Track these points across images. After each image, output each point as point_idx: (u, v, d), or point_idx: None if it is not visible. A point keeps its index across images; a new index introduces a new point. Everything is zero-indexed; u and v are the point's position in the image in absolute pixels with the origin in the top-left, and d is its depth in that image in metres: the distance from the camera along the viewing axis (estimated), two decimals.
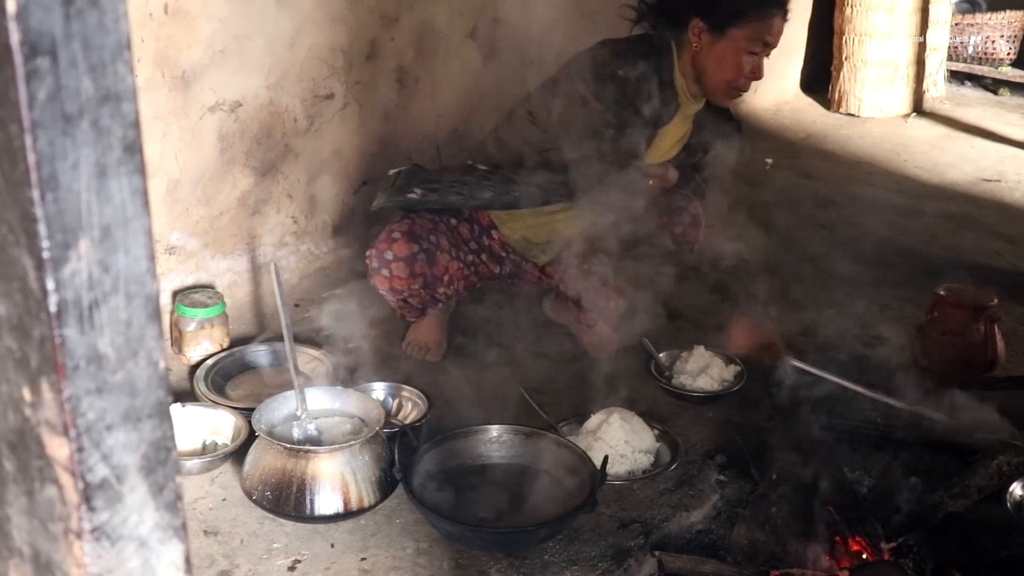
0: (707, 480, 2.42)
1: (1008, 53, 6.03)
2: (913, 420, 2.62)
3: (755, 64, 2.68)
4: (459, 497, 2.30)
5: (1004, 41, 6.00)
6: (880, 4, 5.26)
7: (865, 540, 2.20)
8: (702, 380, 2.82)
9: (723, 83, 2.70)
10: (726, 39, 2.61)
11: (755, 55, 2.65)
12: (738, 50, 2.63)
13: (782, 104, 5.52)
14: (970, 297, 2.92)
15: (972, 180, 4.64)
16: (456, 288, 2.83)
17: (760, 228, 3.93)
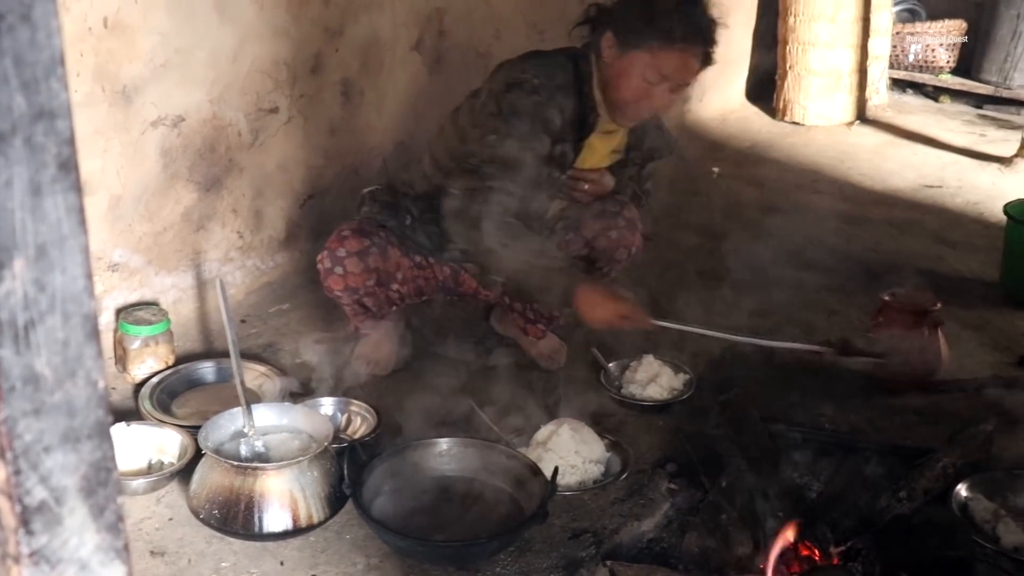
0: (658, 489, 2.43)
1: (948, 61, 6.13)
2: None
3: (655, 93, 2.57)
4: (409, 511, 2.29)
5: (944, 49, 6.10)
6: (823, 13, 5.33)
7: (814, 545, 2.22)
8: (652, 389, 2.83)
9: (620, 102, 2.61)
10: (628, 59, 2.53)
11: (654, 85, 2.54)
12: (636, 74, 2.53)
13: (728, 113, 5.57)
14: (914, 302, 2.96)
15: (915, 186, 4.71)
16: (409, 289, 2.80)
17: (707, 236, 3.98)
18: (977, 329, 3.37)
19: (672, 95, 2.60)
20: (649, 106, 2.61)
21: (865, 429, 2.79)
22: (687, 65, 2.54)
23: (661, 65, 2.51)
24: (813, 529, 2.24)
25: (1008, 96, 5.83)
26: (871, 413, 2.86)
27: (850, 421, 2.81)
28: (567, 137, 2.65)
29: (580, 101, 2.63)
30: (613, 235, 2.78)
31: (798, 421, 2.73)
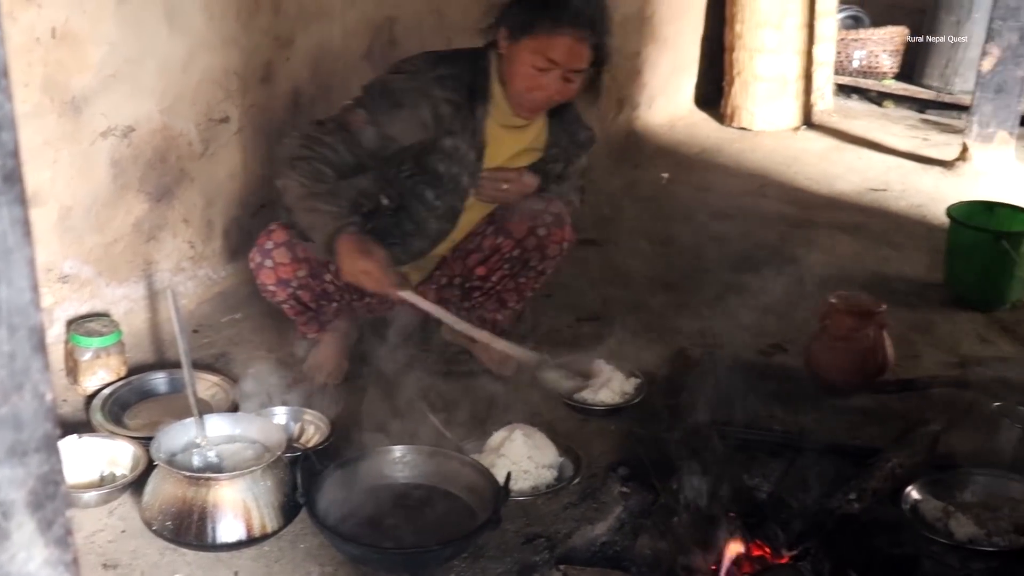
0: (610, 492, 2.45)
1: (891, 67, 6.23)
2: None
3: (546, 81, 2.59)
4: (364, 519, 2.29)
5: (887, 55, 6.19)
6: (768, 20, 5.40)
7: (766, 545, 2.25)
8: (603, 393, 2.86)
9: (515, 93, 2.65)
10: (518, 48, 2.57)
11: (544, 72, 2.57)
12: (526, 62, 2.57)
13: (677, 120, 5.62)
14: (860, 304, 3.01)
15: (860, 190, 4.78)
16: (346, 285, 2.80)
17: (657, 241, 4.01)
18: (922, 330, 3.43)
19: (566, 83, 2.61)
20: (543, 95, 2.63)
21: (814, 430, 2.82)
22: (573, 50, 2.56)
23: (547, 50, 2.55)
24: (764, 529, 2.28)
25: (950, 101, 5.94)
26: (820, 414, 2.91)
27: (799, 422, 2.85)
28: (455, 129, 2.67)
29: (470, 94, 2.65)
30: (541, 232, 2.79)
31: (748, 423, 2.77)
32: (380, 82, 2.69)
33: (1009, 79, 4.81)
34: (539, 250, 2.82)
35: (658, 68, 5.43)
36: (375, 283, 2.49)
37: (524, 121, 2.74)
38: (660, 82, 5.51)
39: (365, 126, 2.61)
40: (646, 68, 5.34)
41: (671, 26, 5.44)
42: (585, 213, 4.08)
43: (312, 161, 2.53)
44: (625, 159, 4.98)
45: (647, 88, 5.40)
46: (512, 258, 2.83)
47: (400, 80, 2.66)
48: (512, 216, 2.81)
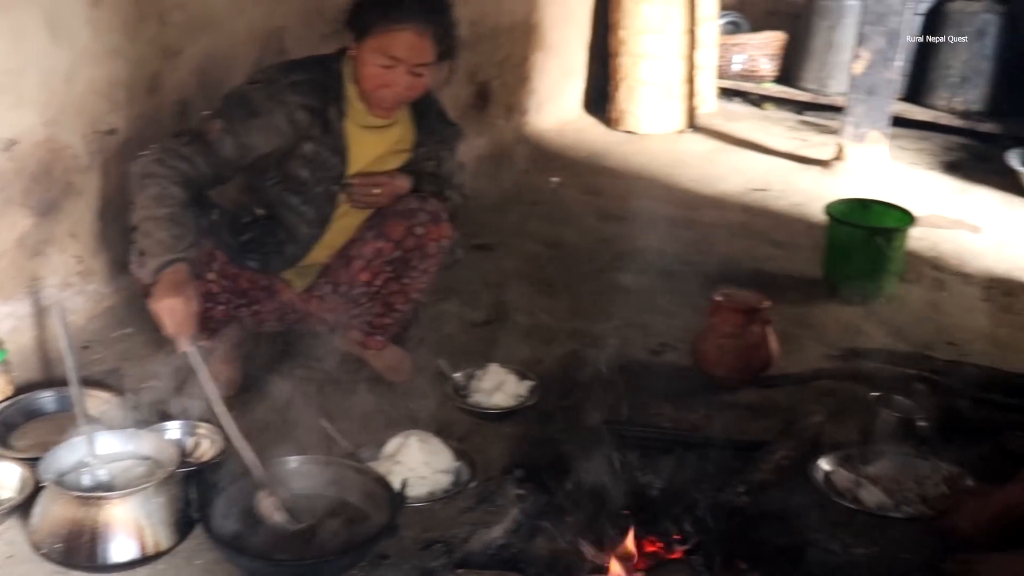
0: (506, 495, 2.48)
1: (770, 70, 6.38)
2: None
3: (393, 77, 2.63)
4: (260, 532, 2.28)
5: (766, 59, 6.35)
6: (651, 27, 5.50)
7: (659, 541, 2.30)
8: (497, 397, 2.89)
9: (366, 92, 2.69)
10: (364, 49, 2.62)
11: (390, 69, 2.61)
12: (371, 61, 2.61)
13: (565, 124, 5.69)
14: (745, 301, 3.10)
15: (743, 190, 4.90)
16: (229, 285, 2.78)
17: (547, 244, 4.07)
18: (804, 325, 3.54)
19: (415, 78, 2.65)
20: (393, 92, 2.66)
21: (704, 426, 2.91)
22: (415, 45, 2.60)
23: (388, 48, 2.59)
24: (656, 525, 2.33)
25: (826, 103, 6.12)
26: (709, 410, 2.98)
27: (689, 419, 2.92)
28: (313, 134, 2.69)
29: (325, 98, 2.68)
30: (419, 231, 2.81)
31: (640, 421, 2.83)
32: (237, 92, 2.69)
33: (879, 81, 4.98)
34: (419, 249, 2.83)
35: (546, 74, 5.50)
36: (173, 325, 2.39)
37: (383, 121, 2.77)
38: (548, 88, 5.57)
39: (223, 136, 2.60)
40: (534, 74, 5.40)
41: (557, 33, 5.51)
42: (477, 218, 4.14)
43: (161, 180, 2.50)
44: (515, 164, 5.03)
45: (536, 94, 5.46)
46: (393, 260, 2.84)
47: (255, 89, 2.66)
48: (389, 219, 2.82)
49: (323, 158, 2.73)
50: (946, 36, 5.83)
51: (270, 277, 2.87)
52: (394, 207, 2.83)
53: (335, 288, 2.90)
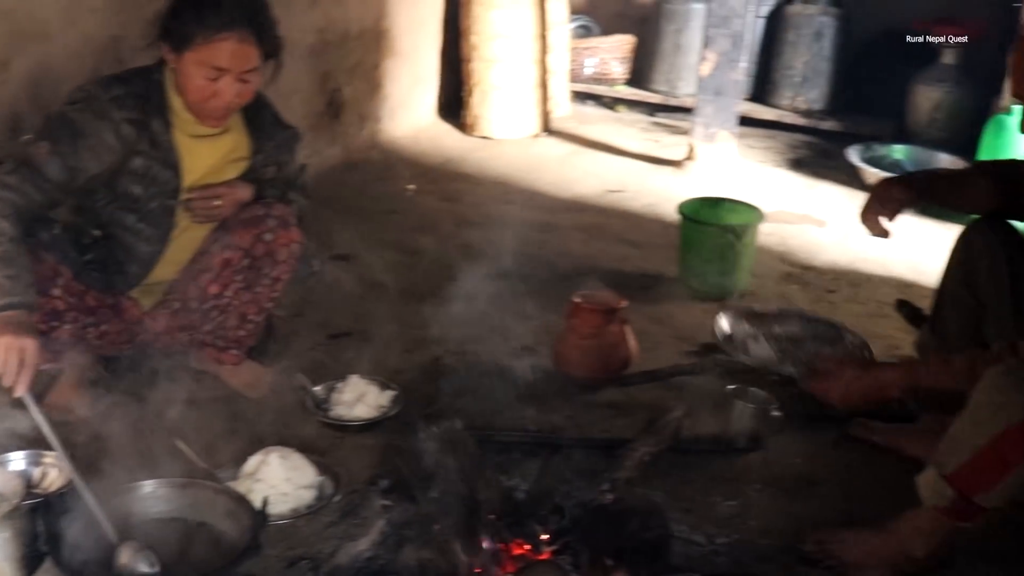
0: (371, 507, 2.45)
1: (622, 73, 6.49)
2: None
3: (221, 87, 2.58)
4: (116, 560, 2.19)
5: (617, 62, 6.45)
6: (502, 32, 5.53)
7: (526, 543, 2.31)
8: (359, 408, 2.86)
9: (195, 105, 2.64)
10: (185, 62, 2.56)
11: (216, 80, 2.56)
12: (196, 75, 2.57)
13: (420, 131, 5.67)
14: (603, 302, 3.14)
15: (599, 192, 4.96)
16: (76, 303, 2.68)
17: (406, 252, 4.04)
18: (662, 322, 3.60)
19: (244, 84, 2.61)
20: (223, 102, 2.61)
21: (567, 426, 2.93)
22: (238, 52, 2.56)
23: (212, 60, 2.54)
24: (523, 528, 2.34)
25: (676, 104, 6.25)
26: (571, 411, 3.01)
27: (552, 420, 2.94)
28: (142, 148, 2.63)
29: (146, 110, 2.62)
30: (268, 237, 2.76)
31: (503, 426, 2.83)
32: (58, 113, 2.59)
33: (726, 82, 5.11)
34: (269, 256, 2.78)
35: (398, 81, 5.47)
36: (9, 370, 2.26)
37: (214, 129, 2.71)
38: (401, 94, 5.55)
39: (50, 159, 2.49)
40: (386, 81, 5.37)
41: (408, 39, 5.49)
42: (333, 229, 4.09)
43: None
44: (370, 173, 4.99)
45: (388, 101, 5.43)
46: (243, 269, 2.78)
47: (76, 108, 2.56)
48: (235, 228, 2.76)
49: (155, 172, 2.65)
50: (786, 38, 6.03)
51: (116, 296, 2.78)
52: (239, 216, 2.77)
53: (185, 304, 2.83)
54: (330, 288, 3.60)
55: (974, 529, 2.33)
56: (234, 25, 2.53)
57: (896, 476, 2.44)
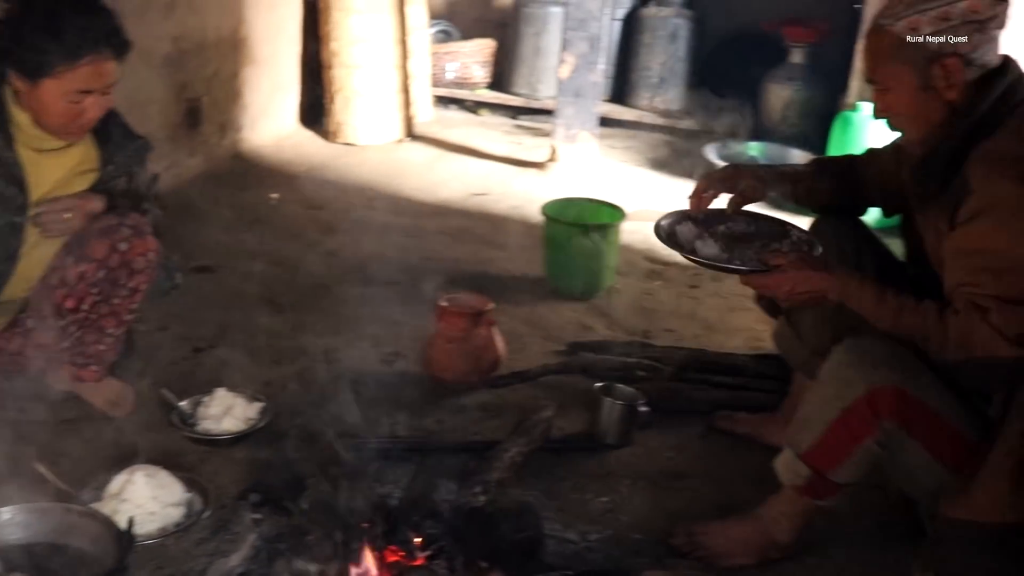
0: (242, 521, 2.42)
1: (483, 77, 6.52)
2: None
3: (86, 106, 2.55)
4: None
5: (478, 66, 6.48)
6: (362, 37, 5.49)
7: (400, 550, 2.31)
8: (227, 422, 2.81)
9: (57, 127, 2.59)
10: (43, 90, 2.51)
11: (82, 100, 2.53)
12: (59, 100, 2.52)
13: (282, 139, 5.60)
14: (469, 305, 3.16)
15: (464, 196, 4.98)
16: None
17: (271, 262, 3.99)
18: (529, 323, 3.64)
19: (106, 96, 2.58)
20: (89, 118, 2.59)
21: (438, 431, 2.94)
22: (102, 70, 2.53)
23: (77, 84, 2.51)
24: (397, 535, 2.34)
25: (538, 106, 6.30)
26: (442, 415, 3.02)
27: (423, 425, 2.95)
28: None
29: None
30: (123, 247, 2.70)
31: (374, 433, 2.82)
32: None
33: (585, 84, 5.19)
34: (125, 266, 2.72)
35: (258, 89, 5.39)
36: None
37: (60, 142, 2.64)
38: (262, 103, 5.47)
39: None
40: (246, 89, 5.29)
41: (267, 46, 5.42)
42: (195, 240, 4.02)
43: None
44: (232, 182, 4.91)
45: (249, 109, 5.35)
46: (99, 281, 2.70)
47: None
48: (89, 240, 2.69)
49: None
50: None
51: None
52: (92, 228, 2.69)
53: (40, 321, 2.74)
54: (194, 300, 3.54)
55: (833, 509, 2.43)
56: (96, 46, 2.49)
57: (761, 465, 2.50)
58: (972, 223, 2.12)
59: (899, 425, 2.19)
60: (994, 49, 2.21)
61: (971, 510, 2.20)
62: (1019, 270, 2.06)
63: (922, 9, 2.16)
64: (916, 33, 2.16)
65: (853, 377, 2.23)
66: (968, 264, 2.13)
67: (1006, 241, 2.07)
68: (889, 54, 2.23)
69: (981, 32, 2.15)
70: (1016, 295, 2.05)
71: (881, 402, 2.19)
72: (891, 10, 2.21)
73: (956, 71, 2.17)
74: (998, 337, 2.06)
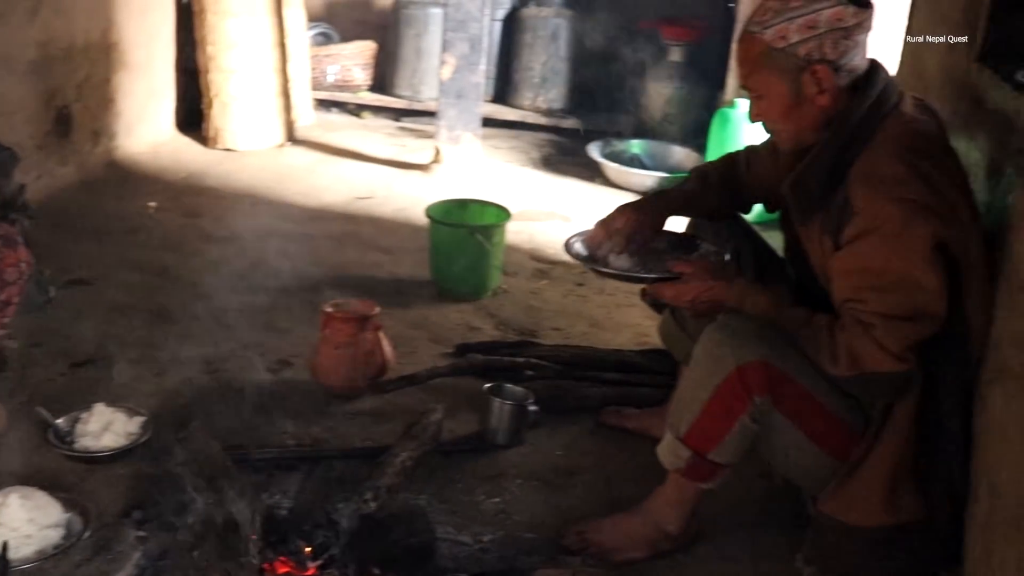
0: (125, 540, 2.36)
1: (364, 79, 6.47)
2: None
3: None
4: None
5: (359, 69, 6.42)
6: (239, 41, 5.39)
7: (291, 561, 2.27)
8: (107, 438, 2.73)
9: None
10: None
11: None
12: None
13: (159, 146, 5.47)
14: (355, 310, 3.12)
15: (348, 200, 4.93)
16: None
17: (151, 272, 3.90)
18: (417, 326, 3.62)
19: None
20: None
21: (327, 438, 2.90)
22: None
23: None
24: (287, 545, 2.30)
25: (420, 108, 6.27)
26: (331, 422, 2.98)
27: (312, 433, 2.91)
28: None
29: None
30: None
31: (261, 443, 2.78)
32: None
33: (467, 85, 5.19)
34: None
35: (132, 95, 5.25)
36: None
37: None
38: (137, 109, 5.33)
39: None
40: (119, 96, 5.14)
41: (141, 51, 5.28)
42: (70, 252, 3.90)
43: None
44: (108, 192, 4.77)
45: (123, 116, 5.21)
46: None
47: None
48: None
49: None
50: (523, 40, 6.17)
51: None
52: None
53: None
54: (70, 315, 3.44)
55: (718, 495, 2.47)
56: None
57: (650, 458, 2.52)
58: (856, 243, 2.17)
59: (770, 400, 2.25)
60: (862, 54, 2.26)
61: (847, 513, 2.28)
62: (901, 288, 2.13)
63: (789, 17, 2.20)
64: (785, 41, 2.20)
65: (723, 355, 2.27)
66: (854, 283, 2.19)
67: (889, 261, 2.13)
68: (760, 62, 2.26)
69: (848, 38, 2.20)
70: (899, 312, 2.12)
71: (751, 377, 2.24)
72: (760, 18, 2.24)
73: (826, 78, 2.22)
74: (883, 352, 2.13)
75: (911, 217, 2.10)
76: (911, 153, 2.18)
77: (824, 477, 2.32)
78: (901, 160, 2.17)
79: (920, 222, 2.10)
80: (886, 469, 2.23)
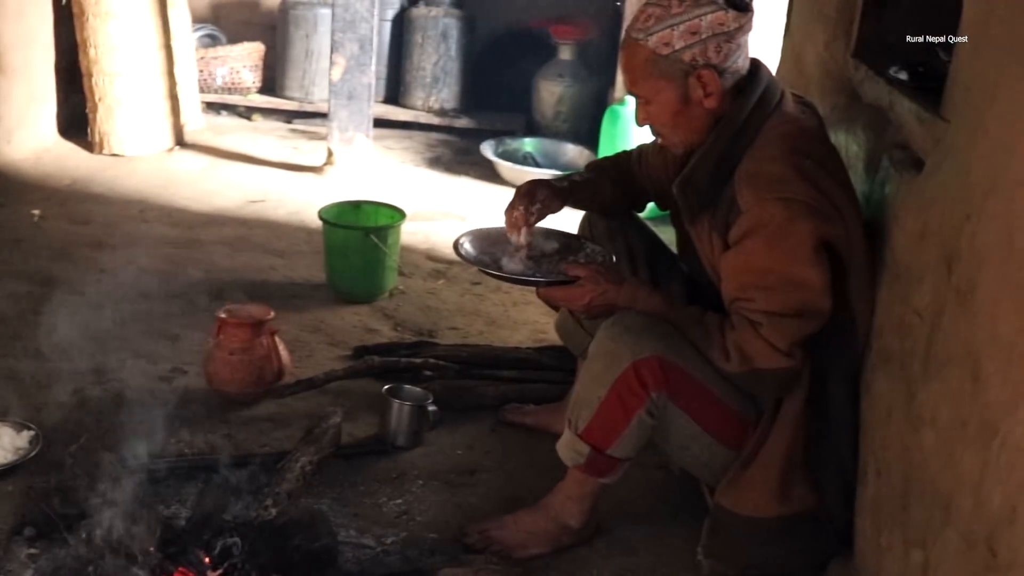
0: (16, 558, 2.29)
1: (254, 81, 6.39)
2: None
3: None
4: None
5: (248, 71, 6.34)
6: (122, 43, 5.27)
7: (191, 571, 2.23)
8: None
9: None
10: None
11: None
12: None
13: (42, 152, 5.32)
14: (249, 315, 3.08)
15: (240, 204, 4.87)
16: None
17: (37, 282, 3.79)
18: (314, 329, 3.59)
19: None
20: None
21: (224, 446, 2.86)
22: None
23: None
24: (186, 556, 2.26)
25: (312, 110, 6.23)
26: (228, 429, 2.95)
27: (208, 441, 2.87)
28: None
29: None
30: None
31: (156, 453, 2.72)
32: None
33: (358, 86, 5.16)
34: None
35: (11, 100, 5.10)
36: None
37: None
38: (17, 115, 5.18)
39: None
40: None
41: (18, 54, 5.13)
42: None
43: None
44: None
45: (2, 122, 5.06)
46: None
47: None
48: None
49: None
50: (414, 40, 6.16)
51: None
52: None
53: None
54: None
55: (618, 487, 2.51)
56: None
57: (551, 454, 2.54)
58: (743, 243, 2.22)
59: (666, 395, 2.29)
60: (744, 55, 2.31)
61: (742, 506, 2.33)
62: (786, 286, 2.18)
63: (672, 24, 2.23)
64: (669, 48, 2.24)
65: (619, 351, 2.30)
66: (741, 281, 2.24)
67: (773, 259, 2.19)
68: (646, 69, 2.28)
69: (730, 42, 2.25)
70: (785, 309, 2.18)
71: (647, 372, 2.27)
72: (642, 25, 2.27)
73: (711, 82, 2.26)
74: (771, 349, 2.19)
75: (794, 216, 2.16)
76: (793, 152, 2.24)
77: (721, 468, 2.38)
78: (784, 159, 2.23)
79: (803, 220, 2.16)
80: (778, 461, 2.29)
